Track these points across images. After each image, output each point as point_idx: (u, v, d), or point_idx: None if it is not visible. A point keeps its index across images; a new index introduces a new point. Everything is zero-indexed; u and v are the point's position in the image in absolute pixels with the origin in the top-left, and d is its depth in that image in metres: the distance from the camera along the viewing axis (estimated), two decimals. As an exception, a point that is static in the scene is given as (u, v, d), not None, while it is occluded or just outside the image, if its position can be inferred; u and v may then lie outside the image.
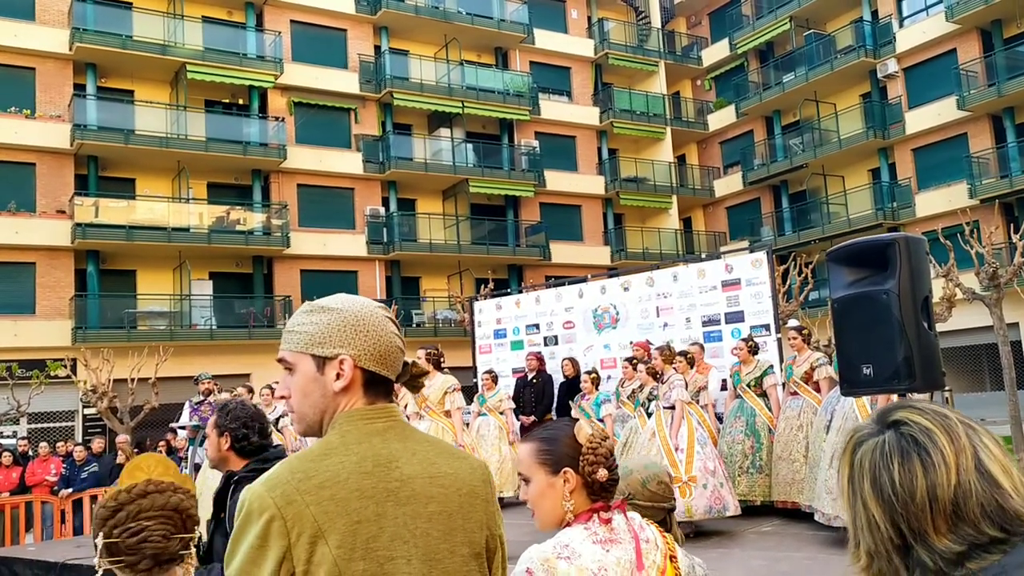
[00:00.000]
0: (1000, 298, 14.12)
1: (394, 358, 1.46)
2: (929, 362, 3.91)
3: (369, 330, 1.45)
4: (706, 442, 7.38)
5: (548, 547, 1.90)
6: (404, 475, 1.38)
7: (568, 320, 11.54)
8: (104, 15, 21.49)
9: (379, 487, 1.35)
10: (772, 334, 9.34)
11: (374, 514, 1.33)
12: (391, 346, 1.46)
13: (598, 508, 1.95)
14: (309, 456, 1.37)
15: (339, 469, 1.33)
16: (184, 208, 21.93)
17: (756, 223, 29.02)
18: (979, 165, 23.04)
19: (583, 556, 1.88)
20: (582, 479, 1.94)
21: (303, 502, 1.29)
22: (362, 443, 1.38)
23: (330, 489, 1.31)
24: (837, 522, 6.45)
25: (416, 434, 1.47)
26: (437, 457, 1.45)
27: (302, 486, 1.30)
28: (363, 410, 1.43)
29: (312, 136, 23.91)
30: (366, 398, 1.45)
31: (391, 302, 21.58)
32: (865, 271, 4.19)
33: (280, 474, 1.32)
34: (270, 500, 1.29)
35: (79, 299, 20.46)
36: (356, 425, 1.41)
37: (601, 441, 1.97)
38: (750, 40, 28.95)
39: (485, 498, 1.49)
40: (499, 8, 27.14)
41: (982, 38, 23.75)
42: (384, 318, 1.48)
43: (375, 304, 1.51)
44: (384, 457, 1.38)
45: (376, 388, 1.46)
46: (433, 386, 7.28)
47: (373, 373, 1.44)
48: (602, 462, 1.94)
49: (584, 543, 1.90)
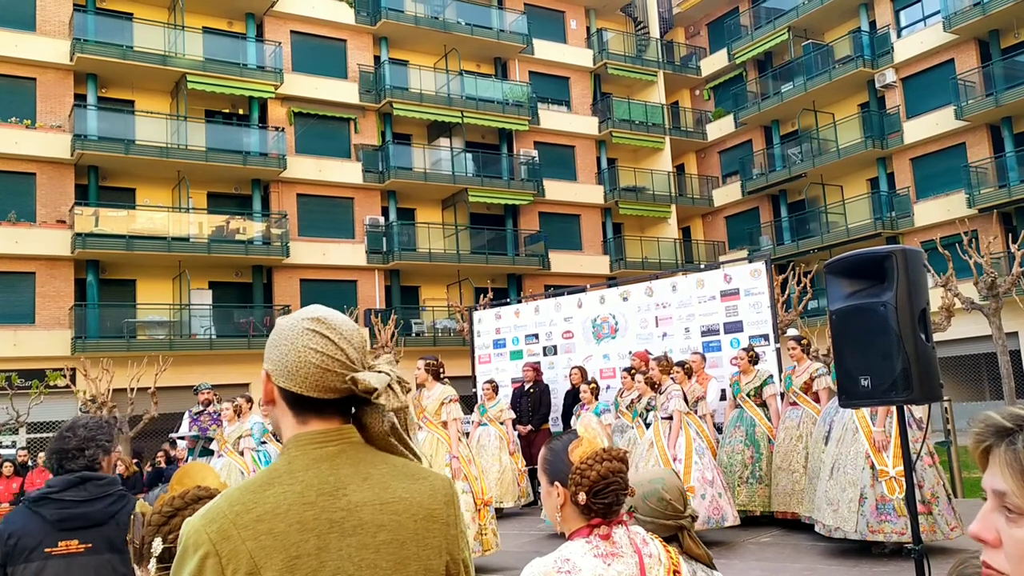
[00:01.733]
0: (999, 307, 14.15)
1: (307, 374, 1.34)
2: (927, 373, 3.92)
3: (281, 344, 1.37)
4: (704, 452, 7.37)
5: (549, 561, 1.90)
6: (351, 503, 1.30)
7: (567, 330, 11.55)
8: (105, 26, 21.57)
9: (322, 518, 1.27)
10: (771, 344, 9.35)
11: (315, 548, 1.25)
12: (302, 362, 1.34)
13: (596, 523, 1.95)
14: (252, 486, 1.30)
15: (279, 501, 1.27)
16: (184, 218, 21.96)
17: (755, 232, 29.06)
18: (977, 175, 23.10)
19: (583, 571, 1.88)
20: (569, 496, 1.94)
21: (239, 537, 1.23)
22: (309, 470, 1.31)
23: (268, 522, 1.24)
24: (838, 533, 6.44)
25: (372, 456, 1.38)
26: (393, 480, 1.36)
27: (239, 520, 1.24)
28: (313, 433, 1.35)
29: (312, 146, 23.97)
30: (293, 416, 1.36)
31: (391, 312, 21.58)
32: (863, 283, 4.21)
33: (219, 506, 1.27)
34: (205, 536, 1.23)
35: (79, 309, 20.47)
36: (304, 450, 1.33)
37: (596, 463, 1.92)
38: (748, 50, 29.06)
39: (445, 521, 1.39)
40: (498, 18, 27.26)
41: (980, 48, 23.84)
42: (304, 331, 1.36)
43: (308, 316, 1.40)
44: (331, 485, 1.30)
45: (304, 406, 1.36)
46: (431, 396, 7.26)
47: (288, 391, 1.36)
48: (585, 486, 1.90)
49: (585, 557, 1.90)
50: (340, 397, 1.36)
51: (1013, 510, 0.91)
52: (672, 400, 7.39)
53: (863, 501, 6.24)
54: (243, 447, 8.30)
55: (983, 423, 0.98)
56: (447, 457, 7.08)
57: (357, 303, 23.47)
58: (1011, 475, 0.91)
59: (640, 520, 2.38)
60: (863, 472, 6.31)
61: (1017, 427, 0.93)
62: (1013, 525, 0.91)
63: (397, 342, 20.10)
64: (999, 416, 0.96)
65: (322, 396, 1.35)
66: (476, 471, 7.35)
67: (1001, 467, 0.93)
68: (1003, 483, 0.92)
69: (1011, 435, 0.93)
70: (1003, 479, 0.92)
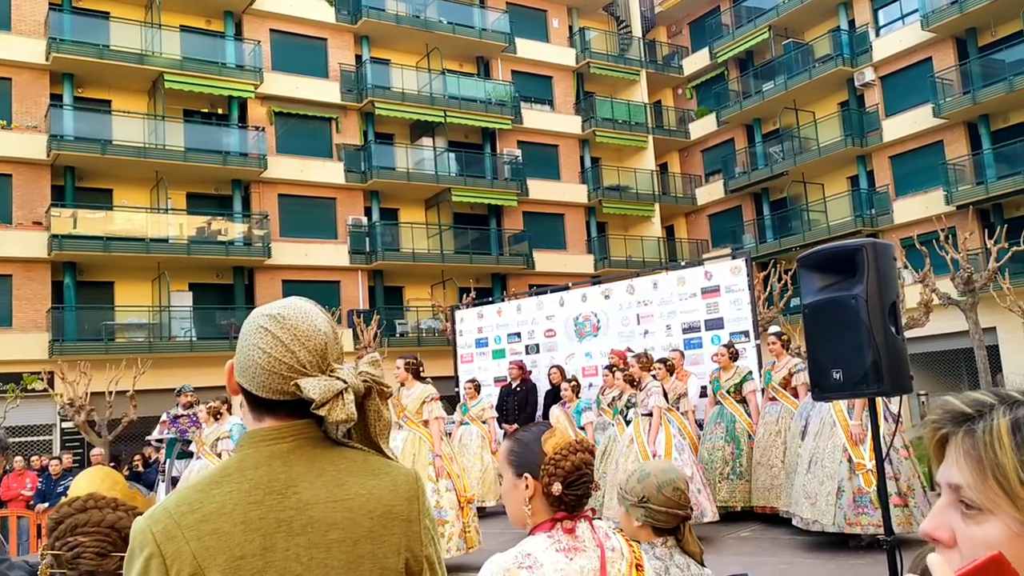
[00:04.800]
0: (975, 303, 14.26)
1: (254, 374, 1.32)
2: (897, 366, 3.93)
3: (241, 339, 1.36)
4: (684, 448, 7.39)
5: (510, 556, 1.89)
6: (302, 501, 1.27)
7: (549, 328, 11.55)
8: (81, 25, 21.35)
9: (268, 517, 1.25)
10: (751, 340, 9.39)
11: (260, 548, 1.23)
12: (250, 361, 1.32)
13: (560, 517, 1.93)
14: (201, 485, 1.28)
15: (226, 500, 1.25)
16: (163, 219, 21.77)
17: (738, 231, 29.18)
18: (955, 172, 23.29)
19: (545, 565, 1.86)
20: (541, 487, 1.92)
21: (183, 537, 1.22)
22: (260, 467, 1.29)
23: (213, 522, 1.23)
24: (815, 527, 6.47)
25: (329, 453, 1.34)
26: (350, 477, 1.33)
27: (184, 520, 1.23)
28: (267, 429, 1.33)
29: (293, 146, 23.84)
30: (251, 412, 1.35)
31: (374, 312, 21.50)
32: (834, 277, 4.22)
33: (166, 507, 1.25)
34: (150, 535, 1.22)
35: (56, 311, 20.25)
36: (257, 447, 1.31)
37: (570, 454, 1.92)
38: (730, 49, 29.17)
39: (406, 518, 1.36)
40: (480, 17, 27.22)
41: (957, 46, 24.04)
42: (257, 328, 1.35)
43: (267, 312, 1.38)
44: (281, 483, 1.28)
45: (258, 404, 1.34)
46: (412, 395, 7.24)
47: (243, 387, 1.34)
48: (560, 476, 1.89)
49: (547, 552, 1.89)
50: (292, 399, 1.32)
51: (970, 505, 0.81)
52: (652, 397, 7.40)
53: (840, 494, 6.27)
54: (221, 449, 8.24)
55: (940, 409, 0.88)
56: (430, 455, 7.08)
57: (340, 304, 23.36)
58: (968, 465, 0.82)
59: (652, 510, 2.37)
60: (840, 465, 6.35)
61: (977, 413, 0.84)
62: (970, 522, 0.81)
63: (381, 342, 20.02)
64: (958, 401, 0.87)
65: (270, 397, 1.32)
66: (458, 469, 7.36)
67: (957, 457, 0.83)
68: (959, 475, 0.83)
69: (970, 421, 0.84)
70: (959, 471, 0.83)
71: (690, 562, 2.41)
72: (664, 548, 2.41)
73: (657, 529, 2.42)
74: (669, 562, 2.38)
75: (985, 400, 0.85)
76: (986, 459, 0.81)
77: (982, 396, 0.87)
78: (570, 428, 2.05)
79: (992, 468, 0.80)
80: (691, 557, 2.42)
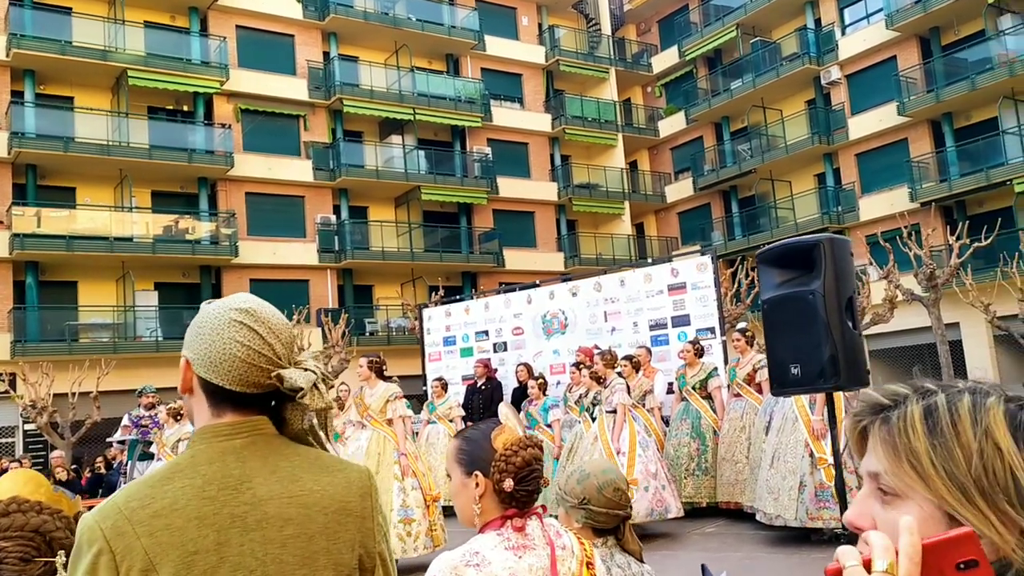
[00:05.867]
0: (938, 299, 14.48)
1: (230, 367, 1.31)
2: (854, 360, 3.96)
3: (205, 333, 1.34)
4: (648, 445, 7.40)
5: (457, 554, 1.87)
6: (256, 497, 1.27)
7: (517, 326, 11.53)
8: (42, 20, 20.94)
9: (223, 512, 1.24)
10: (717, 337, 9.45)
11: (214, 543, 1.22)
12: (226, 354, 1.31)
13: (510, 515, 1.91)
14: (151, 480, 1.27)
15: (179, 495, 1.23)
16: (127, 217, 21.43)
17: (707, 228, 29.38)
18: (919, 169, 23.63)
19: (493, 563, 1.85)
20: (492, 485, 1.90)
21: (134, 533, 1.19)
22: (213, 463, 1.27)
23: (165, 518, 1.21)
24: (778, 521, 6.51)
25: (284, 448, 1.34)
26: (304, 473, 1.33)
27: (135, 516, 1.21)
28: (220, 425, 1.32)
29: (260, 143, 23.57)
30: (210, 407, 1.33)
31: (342, 311, 21.34)
32: (793, 272, 4.24)
33: (116, 502, 1.23)
34: (99, 531, 1.20)
35: (17, 312, 19.87)
36: (210, 443, 1.30)
37: (520, 449, 1.90)
38: (698, 47, 29.35)
39: (360, 514, 1.36)
40: (449, 15, 27.11)
41: (921, 45, 24.39)
42: (231, 322, 1.33)
43: (236, 306, 1.35)
44: (235, 478, 1.27)
45: (223, 398, 1.32)
46: (375, 394, 7.18)
47: (208, 381, 1.32)
48: (511, 472, 1.88)
49: (495, 550, 1.87)
50: (262, 392, 1.34)
51: (888, 491, 0.84)
52: (616, 393, 7.41)
53: (802, 489, 6.32)
54: (182, 450, 8.12)
55: (862, 402, 0.91)
56: (395, 454, 7.03)
57: (309, 303, 23.14)
58: (884, 452, 0.84)
59: (593, 511, 2.36)
60: (802, 460, 6.39)
61: (894, 403, 0.87)
62: (888, 508, 0.83)
63: (349, 341, 19.88)
64: (877, 394, 0.90)
65: (244, 390, 1.32)
66: (424, 468, 7.32)
67: (875, 445, 0.86)
68: (877, 463, 0.85)
69: (886, 410, 0.87)
70: (876, 459, 0.85)
71: (630, 560, 2.40)
72: (605, 548, 2.40)
73: (597, 530, 2.41)
74: (610, 562, 2.37)
75: (901, 391, 0.88)
76: (900, 444, 0.83)
77: (898, 387, 0.89)
78: (518, 425, 2.03)
79: (906, 453, 0.83)
80: (631, 555, 2.41)
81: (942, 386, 0.87)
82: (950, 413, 0.82)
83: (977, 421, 0.81)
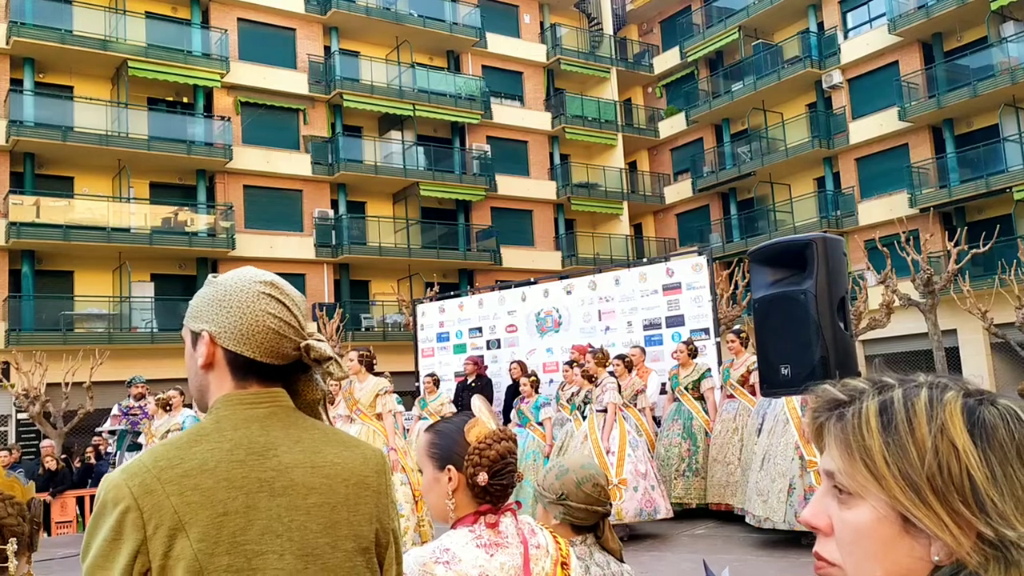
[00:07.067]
0: (935, 304, 14.45)
1: (262, 339, 1.32)
2: (845, 362, 3.92)
3: (233, 306, 1.34)
4: (638, 445, 7.36)
5: (427, 551, 1.84)
6: (282, 464, 1.28)
7: (511, 324, 11.49)
8: (43, 9, 20.88)
9: (251, 476, 1.24)
10: (712, 338, 9.41)
11: (243, 506, 1.22)
12: (259, 326, 1.33)
13: (484, 511, 1.87)
14: (177, 443, 1.26)
15: (207, 457, 1.23)
16: (125, 208, 21.39)
17: (705, 230, 29.34)
18: (919, 175, 23.60)
19: (463, 561, 1.81)
20: (465, 479, 1.87)
21: (163, 492, 1.19)
22: (238, 429, 1.28)
23: (195, 478, 1.21)
24: (767, 524, 6.48)
25: (303, 421, 1.37)
26: (324, 446, 1.34)
27: (164, 475, 1.20)
28: (243, 394, 1.32)
29: (259, 136, 23.52)
30: (234, 380, 1.33)
31: (337, 306, 21.30)
32: (785, 271, 4.20)
33: (143, 462, 1.22)
34: (127, 489, 1.18)
35: (13, 300, 19.82)
36: (234, 410, 1.30)
37: (494, 443, 1.87)
38: (700, 49, 29.30)
39: (377, 489, 1.38)
40: (451, 11, 27.06)
41: (923, 51, 24.36)
42: (260, 295, 1.35)
43: (259, 279, 1.38)
44: (261, 445, 1.28)
45: (249, 370, 1.34)
46: (365, 388, 7.14)
47: (237, 354, 1.33)
48: (485, 465, 1.84)
49: (466, 547, 1.83)
50: (286, 364, 1.36)
51: (843, 490, 0.81)
52: (607, 393, 7.37)
53: (792, 491, 6.28)
54: None
55: (819, 398, 0.87)
56: (384, 449, 6.99)
57: (306, 297, 23.08)
58: (838, 450, 0.81)
59: (571, 507, 2.32)
60: (792, 463, 6.36)
61: (850, 399, 0.83)
62: (843, 507, 0.81)
63: (344, 336, 19.84)
64: (835, 390, 0.86)
65: (272, 362, 1.34)
66: (412, 463, 7.27)
67: (830, 443, 0.83)
68: (831, 461, 0.82)
69: (843, 407, 0.83)
70: (831, 457, 0.82)
71: (610, 560, 2.36)
72: (583, 546, 2.35)
73: (576, 527, 2.37)
74: (589, 560, 2.32)
75: (858, 386, 0.84)
76: (854, 442, 0.80)
77: (856, 382, 0.86)
78: (491, 418, 1.99)
79: (860, 451, 0.79)
80: (610, 554, 2.37)
81: (901, 380, 0.83)
82: (905, 409, 0.79)
83: (933, 417, 0.78)
